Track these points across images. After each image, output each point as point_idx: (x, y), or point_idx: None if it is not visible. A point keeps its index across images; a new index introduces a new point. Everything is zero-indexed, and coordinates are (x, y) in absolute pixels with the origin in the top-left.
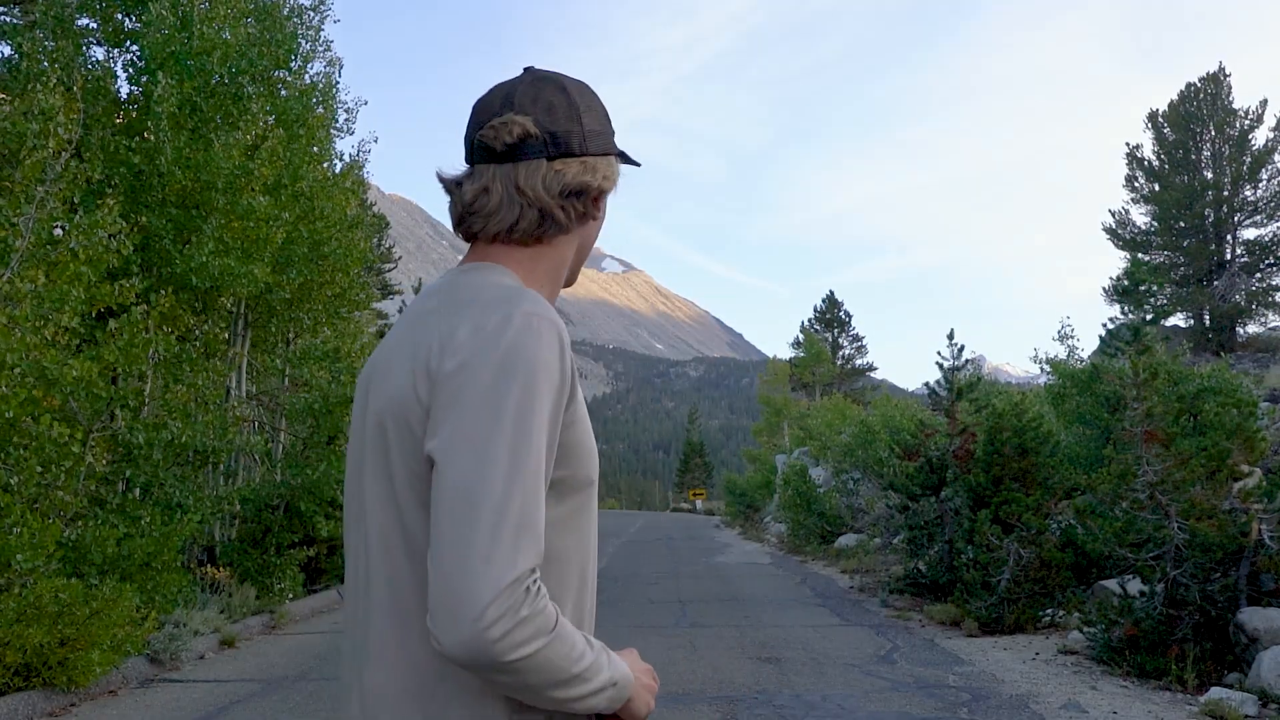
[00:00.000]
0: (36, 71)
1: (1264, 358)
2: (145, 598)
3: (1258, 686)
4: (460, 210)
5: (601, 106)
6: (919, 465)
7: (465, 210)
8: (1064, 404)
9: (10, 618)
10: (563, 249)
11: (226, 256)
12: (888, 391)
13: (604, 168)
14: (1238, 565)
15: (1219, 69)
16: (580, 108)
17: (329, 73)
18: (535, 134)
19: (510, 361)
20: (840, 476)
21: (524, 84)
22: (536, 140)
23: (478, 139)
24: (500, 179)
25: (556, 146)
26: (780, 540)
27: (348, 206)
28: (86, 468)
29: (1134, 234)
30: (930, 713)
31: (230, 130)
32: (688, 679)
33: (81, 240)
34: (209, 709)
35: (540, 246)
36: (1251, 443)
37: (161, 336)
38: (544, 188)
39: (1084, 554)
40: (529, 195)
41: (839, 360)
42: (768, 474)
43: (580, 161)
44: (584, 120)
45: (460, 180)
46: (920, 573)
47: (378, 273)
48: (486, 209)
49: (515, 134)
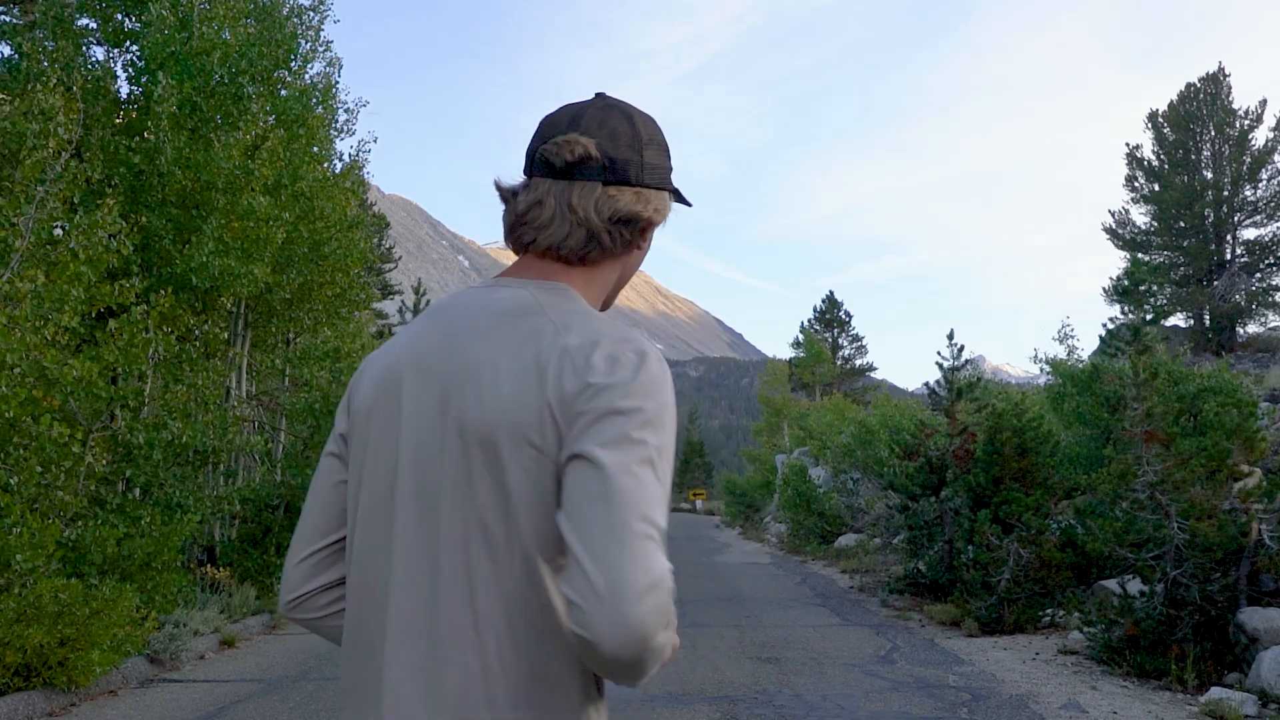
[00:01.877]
0: (36, 71)
1: (1264, 358)
2: (145, 598)
3: (1258, 686)
4: (513, 219)
5: (663, 141)
6: (919, 465)
7: (518, 219)
8: (1064, 404)
9: (10, 618)
10: (607, 274)
11: (226, 256)
12: (888, 391)
13: (657, 201)
14: (1238, 565)
15: (1219, 69)
16: (644, 139)
17: (329, 73)
18: (596, 157)
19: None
20: (840, 476)
21: (593, 108)
22: (596, 163)
23: (540, 153)
24: (554, 194)
25: (614, 173)
26: (780, 540)
27: (348, 206)
28: (86, 468)
29: (1134, 234)
30: (930, 713)
31: (230, 130)
32: (688, 679)
33: (81, 240)
34: (209, 709)
35: (588, 269)
36: (1251, 443)
37: (161, 336)
38: (595, 210)
39: (1084, 554)
40: (579, 214)
41: (839, 360)
42: (768, 474)
43: (635, 191)
44: (645, 152)
45: (516, 190)
46: (920, 573)
47: (378, 273)
48: (539, 221)
49: (577, 153)
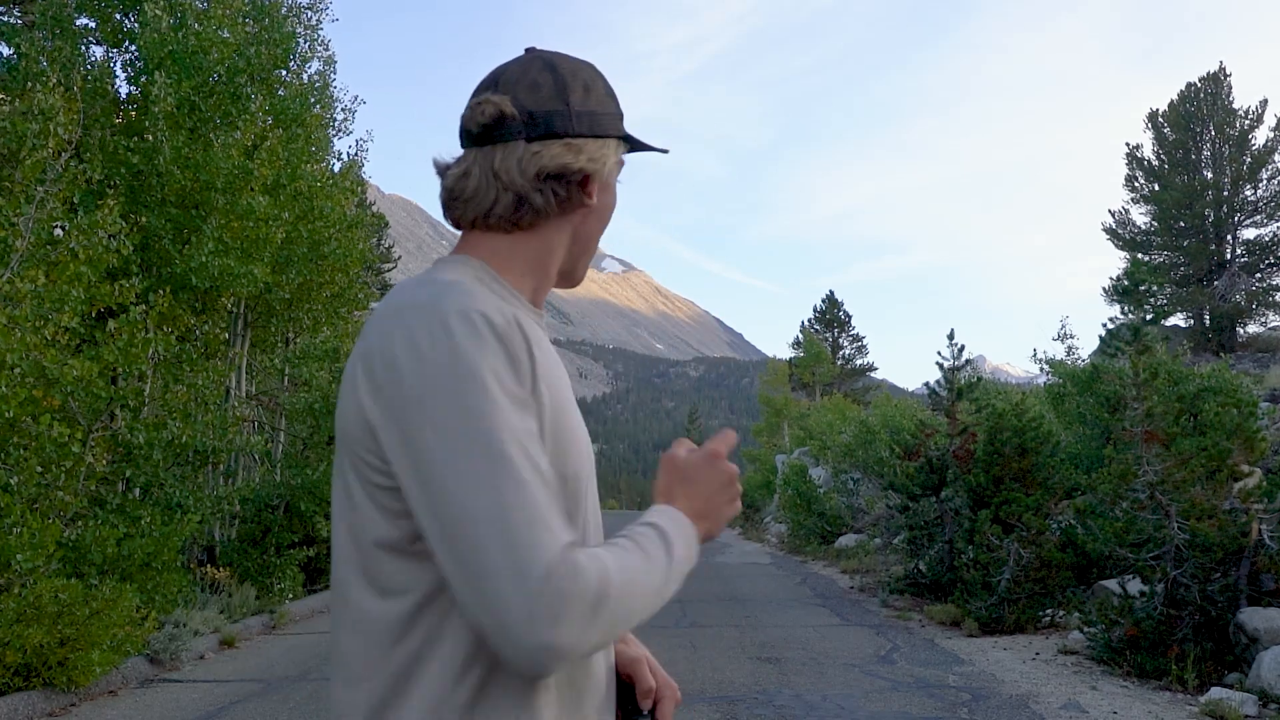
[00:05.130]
0: (35, 71)
1: (1264, 358)
2: (145, 598)
3: (1258, 686)
4: (444, 196)
5: (602, 87)
6: (919, 465)
7: (448, 195)
8: (1064, 404)
9: (10, 618)
10: (548, 237)
11: (226, 256)
12: (888, 391)
13: (592, 150)
14: (1238, 565)
15: (1219, 69)
16: (569, 87)
17: (325, 72)
18: (511, 114)
19: (450, 372)
20: (840, 476)
21: (515, 64)
22: (515, 121)
23: (461, 122)
24: (479, 163)
25: (535, 127)
26: (780, 540)
27: (347, 206)
28: (86, 468)
29: (1134, 234)
30: (930, 713)
31: (229, 130)
32: (688, 679)
33: (81, 240)
34: (209, 709)
35: (521, 233)
36: (1251, 443)
37: (161, 336)
38: (519, 170)
39: (1084, 554)
40: (503, 178)
41: (839, 360)
42: (768, 474)
43: (565, 143)
44: (571, 99)
45: (449, 165)
46: (920, 573)
47: (377, 272)
48: (465, 193)
49: (489, 114)
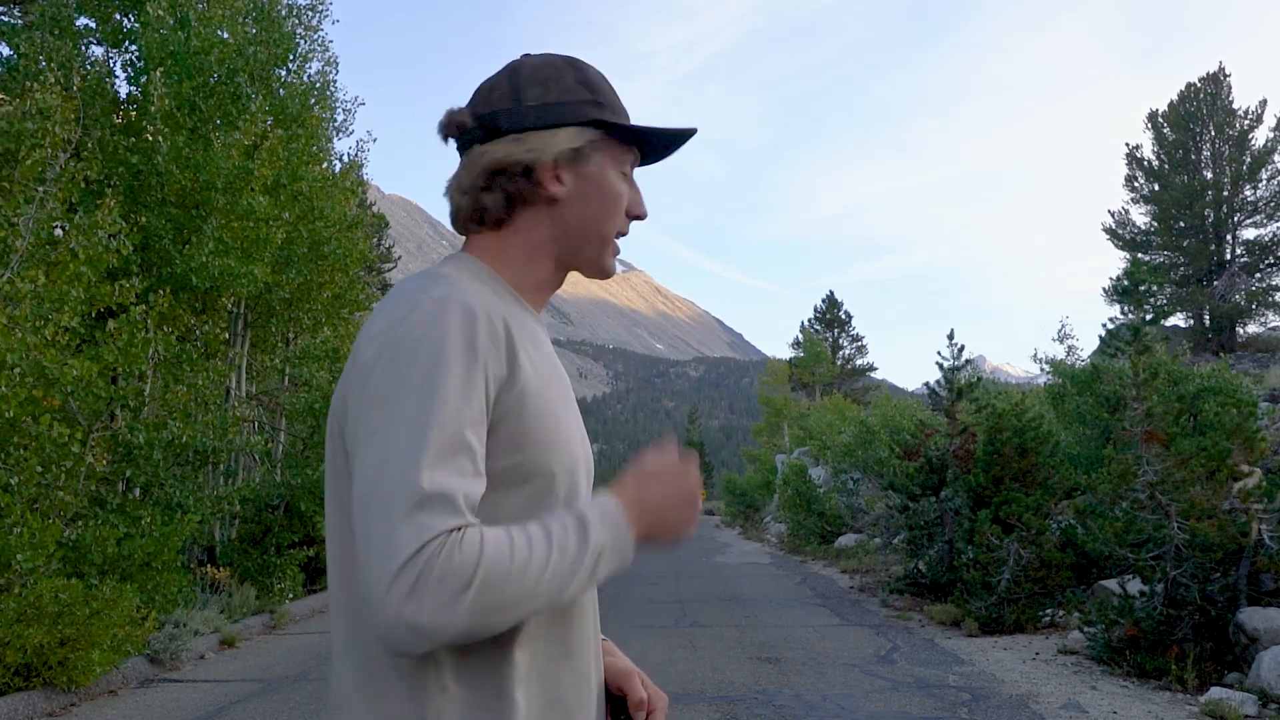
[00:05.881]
0: (34, 71)
1: (1264, 358)
2: (145, 598)
3: (1258, 686)
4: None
5: (571, 78)
6: (919, 465)
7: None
8: (1064, 404)
9: (10, 618)
10: (527, 231)
11: (226, 256)
12: (888, 391)
13: (534, 140)
14: (1238, 565)
15: (1219, 69)
16: (523, 85)
17: (325, 72)
18: (468, 123)
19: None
20: (840, 476)
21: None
22: (473, 128)
23: None
24: (458, 171)
25: (485, 130)
26: (780, 540)
27: (347, 206)
28: (86, 468)
29: (1134, 234)
30: (930, 713)
31: (229, 130)
32: (688, 679)
33: (81, 240)
34: (209, 709)
35: (501, 231)
36: (1251, 443)
37: (161, 336)
38: (472, 171)
39: (1084, 554)
40: (464, 182)
41: (839, 360)
42: (768, 474)
43: (513, 139)
44: (523, 96)
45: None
46: (920, 573)
47: (378, 273)
48: (452, 201)
49: (452, 127)
